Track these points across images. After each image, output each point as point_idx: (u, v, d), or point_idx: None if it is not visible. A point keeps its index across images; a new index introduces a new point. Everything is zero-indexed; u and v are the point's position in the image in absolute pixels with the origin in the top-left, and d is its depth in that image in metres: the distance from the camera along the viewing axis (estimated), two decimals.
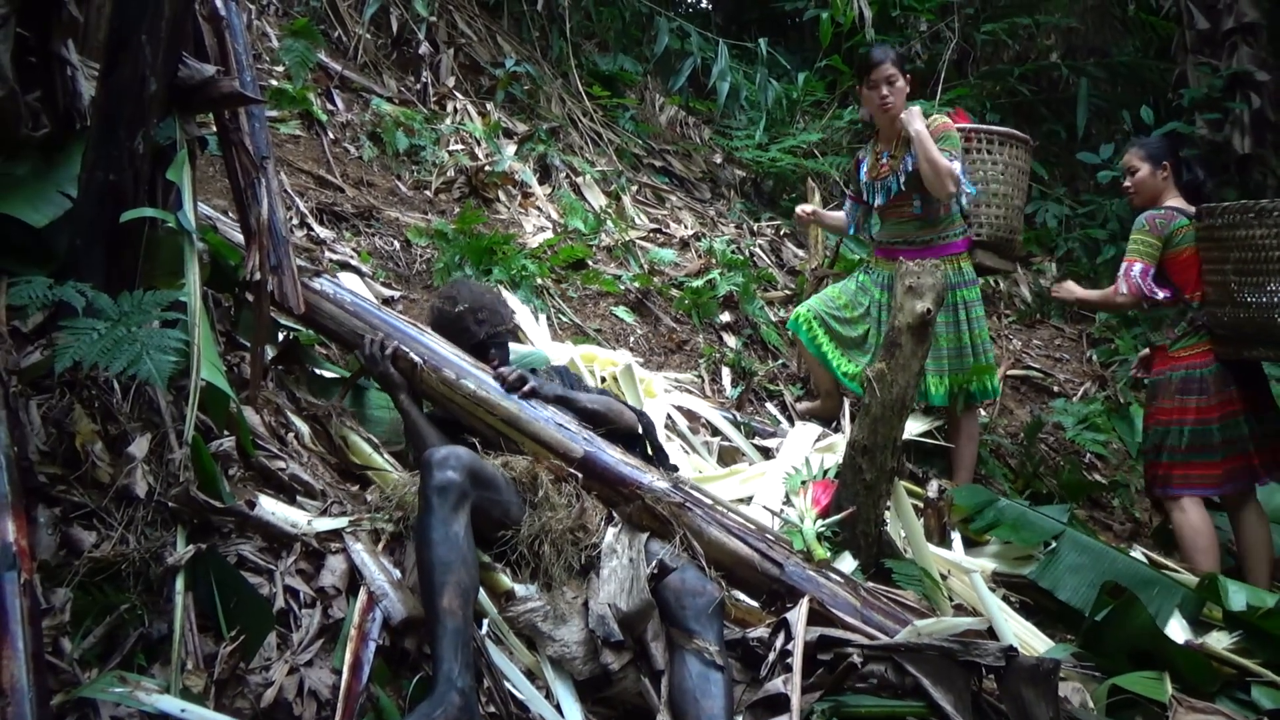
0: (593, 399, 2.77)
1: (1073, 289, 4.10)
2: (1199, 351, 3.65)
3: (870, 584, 2.57)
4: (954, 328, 3.99)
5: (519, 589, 2.26)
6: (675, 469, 2.84)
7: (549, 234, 5.29)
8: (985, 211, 4.23)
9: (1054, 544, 3.21)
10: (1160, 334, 4.58)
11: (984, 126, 4.39)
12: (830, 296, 4.29)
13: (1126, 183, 3.90)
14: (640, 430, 2.82)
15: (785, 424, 4.35)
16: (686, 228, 6.08)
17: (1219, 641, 2.78)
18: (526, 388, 2.61)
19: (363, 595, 2.09)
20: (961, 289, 3.99)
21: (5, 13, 2.17)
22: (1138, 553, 3.62)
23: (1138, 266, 3.68)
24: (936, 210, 3.98)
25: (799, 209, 4.61)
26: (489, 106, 6.35)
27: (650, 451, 2.83)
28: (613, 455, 2.53)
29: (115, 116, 2.17)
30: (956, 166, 3.83)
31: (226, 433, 2.29)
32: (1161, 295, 3.69)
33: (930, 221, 4.01)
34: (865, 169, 4.18)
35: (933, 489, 3.36)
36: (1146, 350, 4.10)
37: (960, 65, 8.26)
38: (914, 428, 4.17)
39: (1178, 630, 2.85)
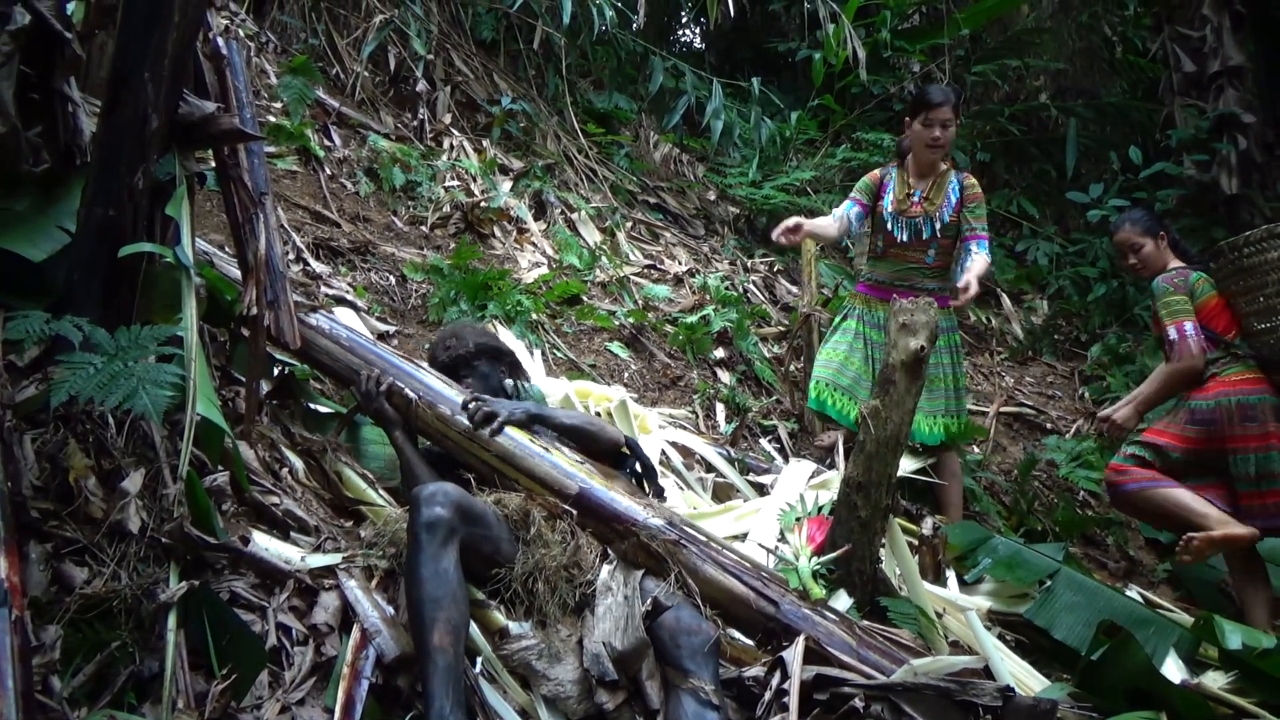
0: (570, 414, 2.80)
1: (1125, 410, 3.84)
2: (1250, 378, 3.60)
3: (866, 622, 2.56)
4: (949, 369, 4.05)
5: (513, 627, 2.25)
6: (661, 491, 2.87)
7: (544, 270, 5.31)
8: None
9: (1049, 583, 3.20)
10: None
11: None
12: (830, 360, 4.23)
13: (1131, 260, 3.87)
14: (625, 448, 2.83)
15: (779, 460, 4.35)
16: (681, 264, 6.11)
17: (1215, 681, 2.76)
18: (495, 424, 2.57)
19: (356, 633, 2.08)
20: (954, 333, 4.09)
21: (9, 50, 2.19)
22: (1133, 592, 3.61)
23: (1189, 325, 3.62)
24: (948, 262, 4.07)
25: (782, 227, 4.18)
26: (485, 143, 6.40)
27: (640, 469, 2.83)
28: (607, 492, 2.53)
29: (116, 153, 2.19)
30: (989, 245, 3.98)
31: (221, 468, 2.28)
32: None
33: (938, 274, 4.06)
34: (891, 195, 4.11)
35: (927, 526, 3.36)
36: (1109, 411, 3.96)
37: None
38: (908, 465, 4.17)
39: (1174, 670, 2.83)
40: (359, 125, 5.89)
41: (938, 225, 3.99)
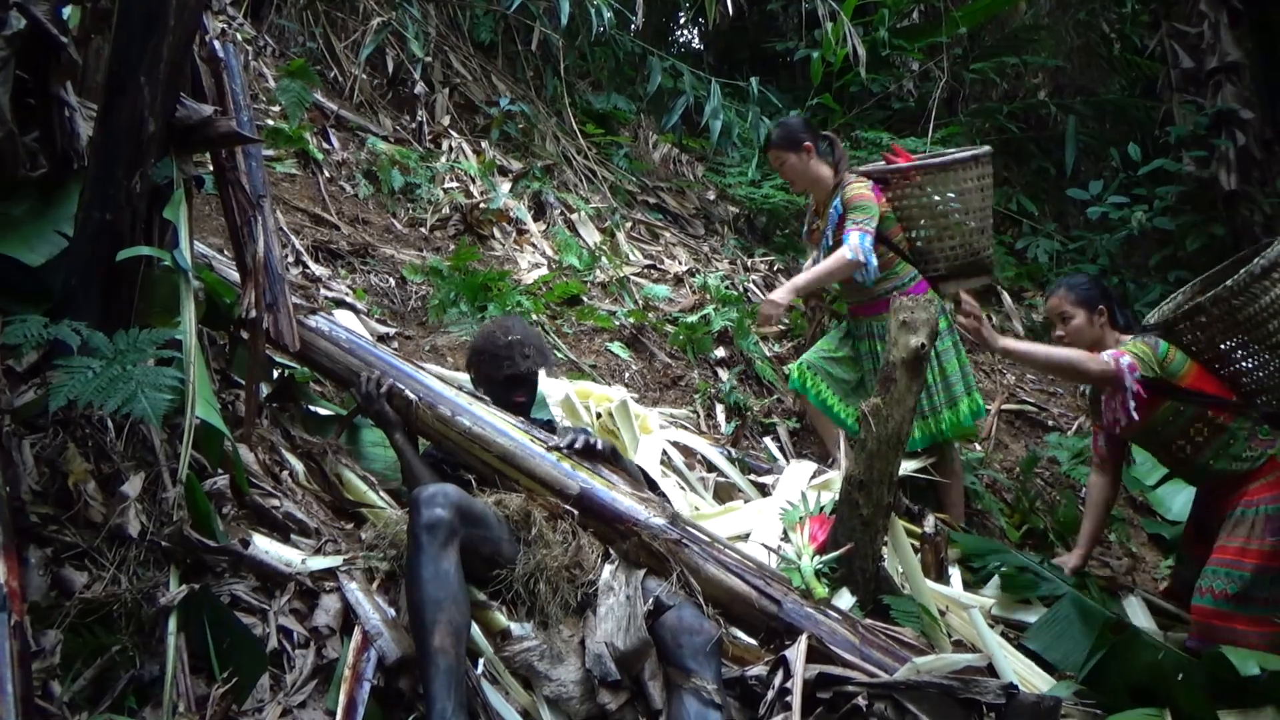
0: (629, 462, 2.85)
1: (1001, 338, 3.23)
2: None
3: (868, 621, 2.55)
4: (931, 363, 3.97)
5: (515, 628, 2.24)
6: None
7: (544, 270, 5.30)
8: (938, 246, 4.12)
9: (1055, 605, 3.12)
10: None
11: (928, 161, 4.19)
12: (820, 346, 4.26)
13: (1059, 332, 3.39)
14: None
15: (782, 460, 4.35)
16: (680, 264, 6.11)
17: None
18: (597, 444, 2.62)
19: (357, 635, 2.08)
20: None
21: (5, 55, 2.19)
22: (1137, 598, 3.57)
23: (1125, 360, 3.07)
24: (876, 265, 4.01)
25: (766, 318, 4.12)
26: (484, 145, 6.39)
27: None
28: (608, 492, 2.52)
29: (113, 157, 2.19)
30: (858, 240, 3.80)
31: (220, 471, 2.28)
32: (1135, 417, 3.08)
33: (869, 282, 3.96)
34: (806, 225, 4.30)
35: (929, 524, 3.35)
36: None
37: (950, 103, 8.37)
38: (909, 464, 4.16)
39: None
40: (357, 128, 5.89)
41: (824, 249, 4.02)
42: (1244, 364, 3.05)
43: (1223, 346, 3.04)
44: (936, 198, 4.10)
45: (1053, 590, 3.19)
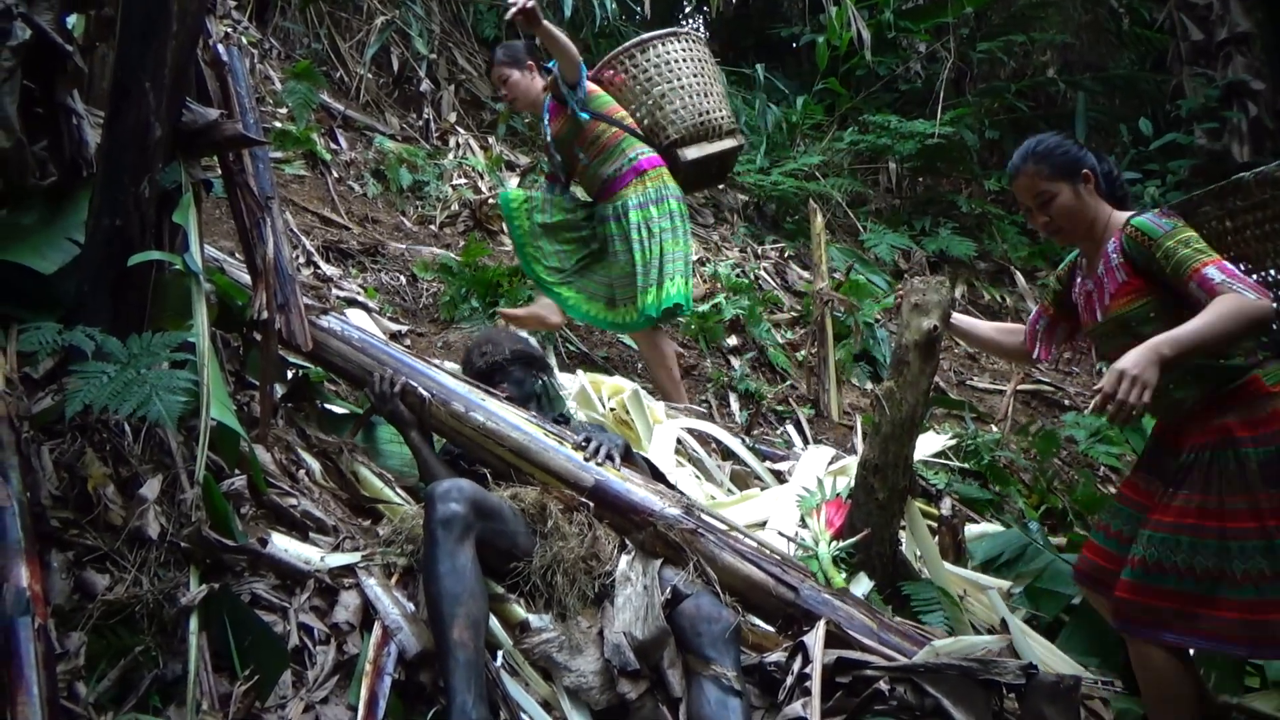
0: (638, 456, 2.87)
1: (1151, 366, 2.13)
2: None
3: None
4: (633, 247, 4.10)
5: (533, 620, 2.25)
6: None
7: None
8: (663, 114, 4.34)
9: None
10: None
11: (627, 44, 4.48)
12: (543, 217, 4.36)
13: (1043, 218, 2.52)
14: None
15: (799, 445, 4.34)
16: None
17: (1269, 701, 2.66)
18: (616, 460, 2.60)
19: (377, 630, 2.09)
20: (649, 207, 4.13)
21: (11, 65, 2.20)
22: None
23: (1227, 264, 2.28)
24: (602, 149, 4.19)
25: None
26: (490, 140, 6.41)
27: None
28: (623, 484, 2.52)
29: (120, 163, 2.20)
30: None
31: (238, 471, 2.29)
32: None
33: (604, 160, 4.19)
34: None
35: (946, 507, 3.34)
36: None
37: (959, 84, 8.32)
38: (927, 446, 4.15)
39: None
40: (364, 127, 5.91)
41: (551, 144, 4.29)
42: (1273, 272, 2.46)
43: (1251, 239, 2.46)
44: (646, 75, 4.36)
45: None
